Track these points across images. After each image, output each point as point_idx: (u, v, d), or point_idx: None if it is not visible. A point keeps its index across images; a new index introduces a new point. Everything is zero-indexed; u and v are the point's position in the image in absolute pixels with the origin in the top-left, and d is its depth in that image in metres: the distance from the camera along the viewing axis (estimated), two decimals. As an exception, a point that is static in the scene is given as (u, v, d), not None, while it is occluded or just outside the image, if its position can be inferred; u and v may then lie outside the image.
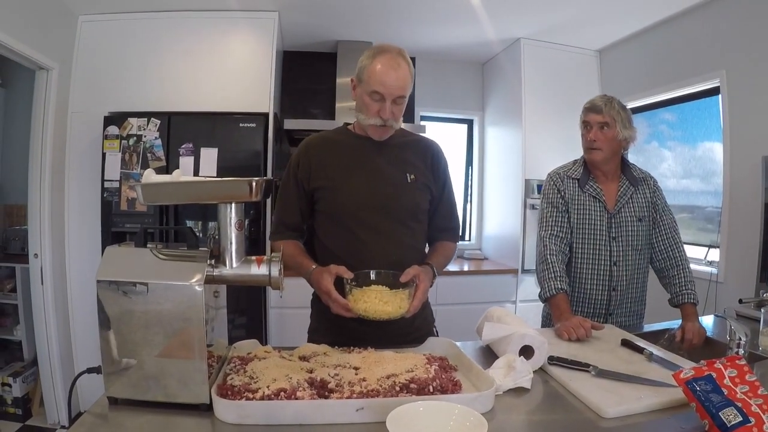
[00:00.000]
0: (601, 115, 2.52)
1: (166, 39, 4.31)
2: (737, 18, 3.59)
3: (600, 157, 2.56)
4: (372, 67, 2.00)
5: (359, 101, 2.10)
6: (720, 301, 3.56)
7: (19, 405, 4.34)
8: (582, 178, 2.65)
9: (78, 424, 1.33)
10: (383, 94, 1.99)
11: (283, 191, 2.24)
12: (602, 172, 2.64)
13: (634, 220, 2.58)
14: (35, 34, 3.74)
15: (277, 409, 1.35)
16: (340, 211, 2.12)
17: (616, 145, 2.57)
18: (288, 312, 4.29)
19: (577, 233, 2.60)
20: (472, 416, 1.27)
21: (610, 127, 2.51)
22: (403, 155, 2.20)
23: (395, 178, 2.15)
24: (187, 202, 1.59)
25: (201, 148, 4.08)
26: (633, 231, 2.58)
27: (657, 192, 2.67)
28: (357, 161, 2.15)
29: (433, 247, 2.31)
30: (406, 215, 2.17)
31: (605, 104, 2.53)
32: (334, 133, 2.29)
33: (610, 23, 4.49)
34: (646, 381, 1.63)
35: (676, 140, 4.46)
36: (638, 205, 2.61)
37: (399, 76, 1.99)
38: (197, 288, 1.40)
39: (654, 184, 2.69)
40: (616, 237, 2.57)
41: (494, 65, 5.62)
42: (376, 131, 2.10)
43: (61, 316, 4.23)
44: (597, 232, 2.58)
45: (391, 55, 2.01)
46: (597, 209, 2.59)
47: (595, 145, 2.54)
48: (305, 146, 2.22)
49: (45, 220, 4.06)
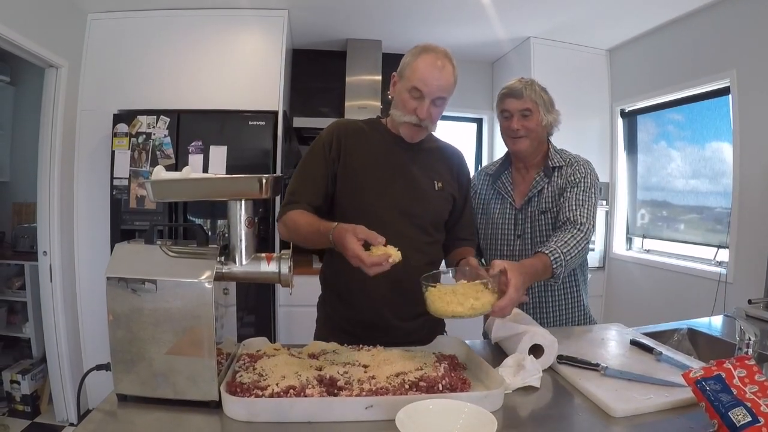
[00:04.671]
0: (521, 100, 2.26)
1: (176, 37, 4.33)
2: (748, 17, 3.57)
3: (525, 146, 2.31)
4: (416, 63, 1.96)
5: (398, 97, 2.05)
6: (729, 302, 3.55)
7: (28, 402, 4.36)
8: (495, 173, 2.49)
9: (87, 421, 1.33)
10: (423, 92, 1.94)
11: (304, 168, 2.13)
12: (523, 164, 2.43)
13: (537, 212, 2.32)
14: (45, 32, 3.76)
15: (286, 407, 1.35)
16: (363, 208, 2.05)
17: (542, 131, 2.34)
18: (297, 310, 4.28)
19: (483, 233, 2.45)
20: (481, 414, 1.27)
21: (533, 113, 2.27)
22: (432, 162, 2.17)
23: (424, 185, 2.11)
24: (197, 199, 1.60)
25: (210, 146, 4.09)
26: (538, 226, 2.32)
27: (575, 175, 2.30)
28: (387, 160, 2.10)
29: (458, 251, 2.23)
30: (429, 223, 2.13)
31: (525, 88, 2.27)
32: (366, 124, 2.20)
33: (620, 23, 4.47)
34: (656, 380, 1.62)
35: (685, 140, 4.44)
36: (547, 196, 2.32)
37: (442, 76, 1.95)
38: (207, 285, 1.40)
39: (577, 167, 2.33)
40: (521, 234, 2.35)
41: (504, 64, 5.62)
42: (409, 130, 2.05)
43: (70, 313, 4.24)
44: (502, 230, 2.39)
45: (437, 54, 1.97)
46: (503, 206, 2.41)
47: (519, 133, 2.28)
48: (337, 128, 2.14)
49: (54, 217, 4.07)
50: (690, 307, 3.83)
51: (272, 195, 1.51)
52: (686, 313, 2.51)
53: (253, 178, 1.49)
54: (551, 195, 2.31)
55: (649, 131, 4.85)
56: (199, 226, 1.59)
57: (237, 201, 1.53)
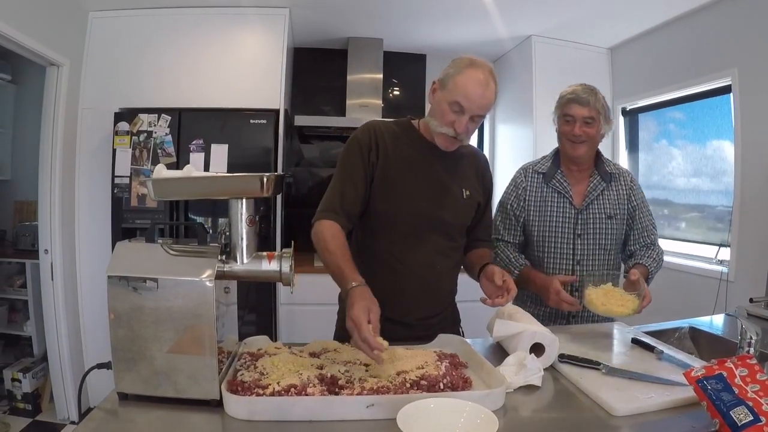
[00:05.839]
0: (587, 108, 2.37)
1: (177, 35, 4.32)
2: (749, 16, 3.56)
3: (583, 151, 2.43)
4: (461, 77, 1.93)
5: (437, 106, 2.01)
6: (730, 300, 3.54)
7: (29, 401, 4.36)
8: (548, 172, 2.55)
9: (88, 420, 1.33)
10: (465, 108, 1.91)
11: (344, 172, 2.08)
12: (577, 168, 2.53)
13: (603, 217, 2.47)
14: (46, 30, 3.75)
15: (287, 406, 1.35)
16: (391, 212, 2.07)
17: (598, 139, 2.46)
18: (298, 309, 4.27)
19: (539, 230, 2.52)
20: (482, 413, 1.27)
21: (595, 121, 2.39)
22: (461, 168, 2.17)
23: (453, 192, 2.12)
24: (198, 197, 1.60)
25: (211, 145, 4.08)
26: (601, 229, 2.47)
27: (634, 189, 2.54)
28: (420, 166, 2.10)
29: (475, 252, 2.27)
30: (455, 230, 2.16)
31: (591, 97, 2.38)
32: (399, 128, 2.18)
33: (621, 21, 4.46)
34: (657, 379, 1.62)
35: (686, 139, 4.43)
36: (610, 202, 2.49)
37: (486, 95, 1.93)
38: (208, 284, 1.40)
39: (631, 180, 2.57)
40: (581, 234, 2.47)
41: (505, 63, 5.60)
42: (445, 141, 2.02)
43: (71, 311, 4.24)
44: (560, 229, 2.48)
45: (483, 72, 1.94)
46: (562, 205, 2.50)
47: (580, 139, 2.40)
48: (374, 129, 2.12)
49: (55, 216, 4.07)
50: (691, 305, 3.83)
51: (273, 193, 1.52)
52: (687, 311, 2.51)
53: (255, 177, 1.48)
54: (615, 201, 2.51)
55: (650, 129, 4.85)
56: (200, 224, 1.59)
57: (238, 199, 1.53)
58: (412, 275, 2.08)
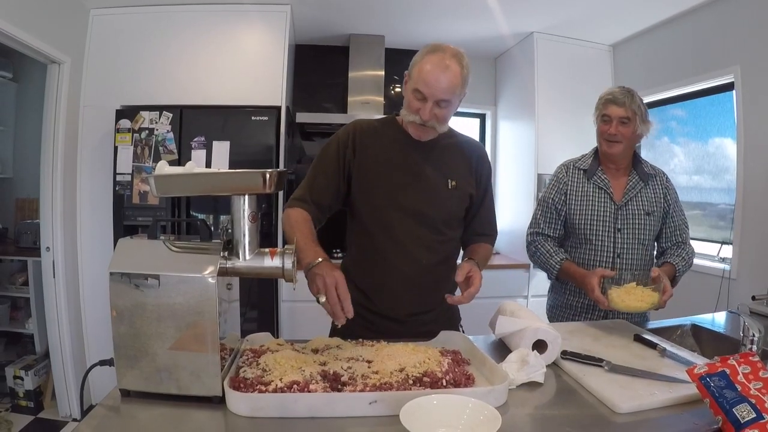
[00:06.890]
0: (623, 108, 2.48)
1: (178, 32, 4.32)
2: (752, 13, 3.55)
3: (619, 150, 2.53)
4: (420, 64, 1.94)
5: (405, 97, 2.04)
6: (733, 298, 3.54)
7: (31, 398, 4.37)
8: (590, 168, 2.64)
9: (90, 417, 1.33)
10: (425, 94, 1.91)
11: (319, 164, 2.14)
12: (615, 166, 2.62)
13: (642, 213, 2.57)
14: (47, 27, 3.76)
15: (289, 402, 1.35)
16: (373, 209, 2.09)
17: (634, 139, 2.55)
18: (300, 305, 4.29)
19: (579, 224, 2.59)
20: (485, 410, 1.26)
21: (631, 121, 2.48)
22: (448, 159, 2.15)
23: (435, 184, 2.11)
24: (200, 193, 1.59)
25: (213, 142, 4.08)
26: (640, 224, 2.56)
27: (669, 188, 2.65)
28: (399, 159, 2.10)
29: (470, 247, 2.26)
30: (440, 222, 2.13)
31: (627, 98, 2.49)
32: (381, 124, 2.20)
33: (624, 18, 4.45)
34: (660, 376, 1.62)
35: (688, 136, 4.43)
36: (647, 199, 2.59)
37: (445, 78, 1.90)
38: (210, 280, 1.39)
39: (666, 180, 2.67)
40: (621, 229, 2.55)
41: (507, 59, 5.60)
42: (415, 129, 2.03)
43: (73, 309, 4.25)
44: (601, 223, 2.56)
45: (443, 55, 1.93)
46: (603, 200, 2.58)
47: (616, 138, 2.51)
48: (354, 128, 2.14)
49: (57, 213, 4.08)
50: (694, 303, 3.81)
51: (276, 190, 1.51)
52: (690, 309, 2.51)
53: (257, 173, 1.48)
54: (654, 198, 2.61)
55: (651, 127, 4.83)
56: (202, 221, 1.59)
57: (240, 196, 1.53)
58: (395, 270, 2.08)
